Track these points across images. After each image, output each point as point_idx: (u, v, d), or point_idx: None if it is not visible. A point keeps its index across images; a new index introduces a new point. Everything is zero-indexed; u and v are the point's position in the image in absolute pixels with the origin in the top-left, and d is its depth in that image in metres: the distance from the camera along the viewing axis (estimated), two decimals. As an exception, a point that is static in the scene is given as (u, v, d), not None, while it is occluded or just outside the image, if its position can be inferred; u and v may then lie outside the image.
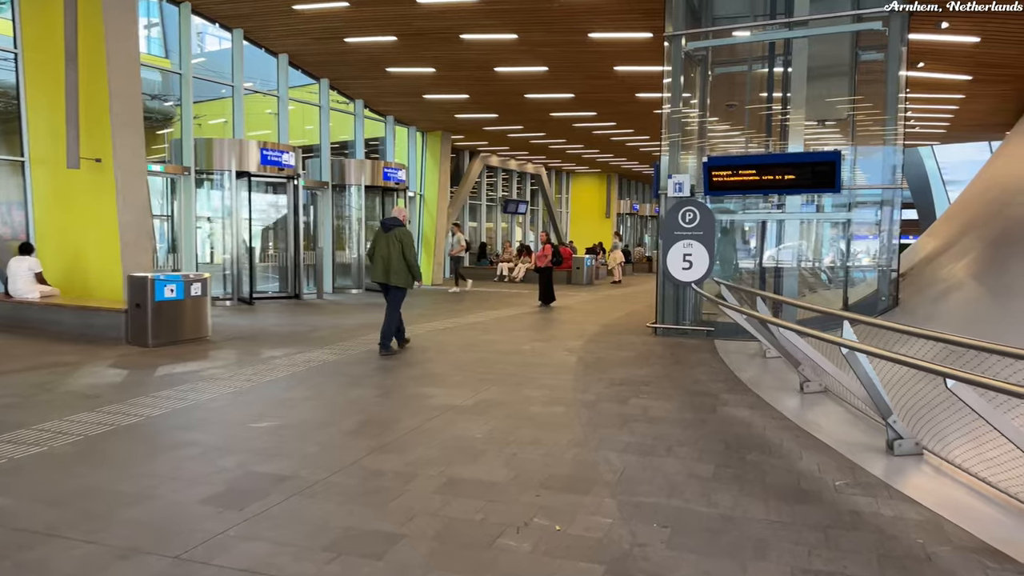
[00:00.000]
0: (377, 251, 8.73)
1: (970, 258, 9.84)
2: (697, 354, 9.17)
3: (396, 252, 8.56)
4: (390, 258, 8.58)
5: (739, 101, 11.88)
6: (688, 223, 10.51)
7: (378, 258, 8.71)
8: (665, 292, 10.92)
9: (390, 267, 8.60)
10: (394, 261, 8.56)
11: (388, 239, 8.65)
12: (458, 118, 18.94)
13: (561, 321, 12.66)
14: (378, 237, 8.83)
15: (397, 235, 8.63)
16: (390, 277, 8.65)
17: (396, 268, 8.58)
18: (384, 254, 8.64)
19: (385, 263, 8.63)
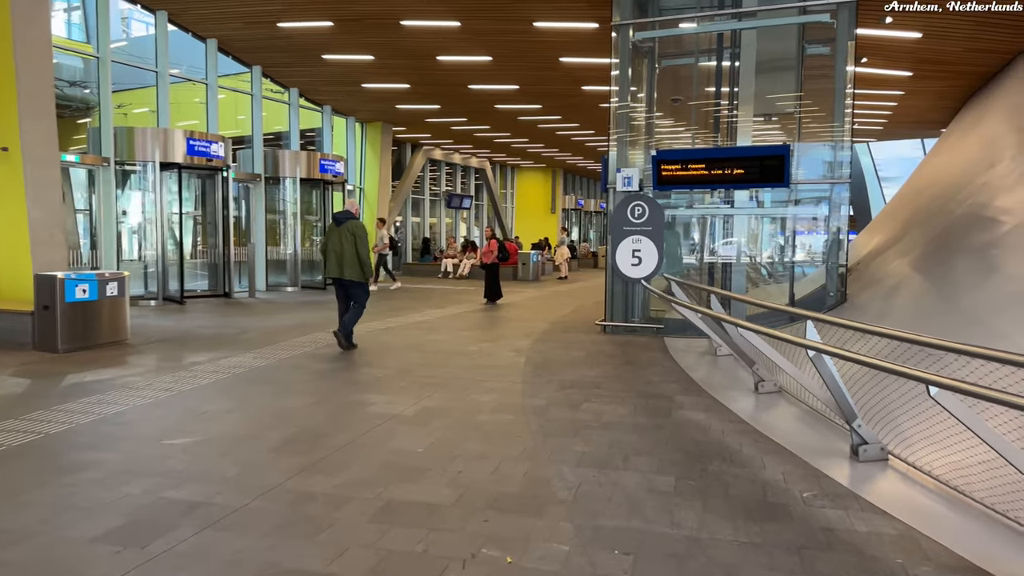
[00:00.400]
0: (330, 246, 8.47)
1: (915, 255, 9.85)
2: (647, 353, 8.90)
3: (349, 246, 8.32)
4: (343, 253, 8.34)
5: (685, 96, 11.69)
6: (637, 218, 10.24)
7: (331, 252, 8.45)
8: (614, 289, 10.64)
9: (343, 261, 8.36)
10: (347, 255, 8.33)
11: (341, 233, 8.40)
12: (399, 109, 18.32)
13: (508, 319, 12.27)
14: (331, 231, 8.55)
15: (350, 228, 8.38)
16: (344, 271, 8.40)
17: (350, 262, 8.35)
18: (337, 248, 8.39)
19: (338, 258, 8.39)
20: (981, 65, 12.04)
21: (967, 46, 11.11)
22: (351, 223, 8.48)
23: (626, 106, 10.52)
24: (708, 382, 7.16)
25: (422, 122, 20.06)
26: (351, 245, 8.34)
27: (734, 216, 10.05)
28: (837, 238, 9.58)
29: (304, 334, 9.98)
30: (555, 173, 32.50)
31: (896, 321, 7.54)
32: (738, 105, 10.32)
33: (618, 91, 10.53)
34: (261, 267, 16.52)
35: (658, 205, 10.17)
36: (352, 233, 8.37)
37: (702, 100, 11.18)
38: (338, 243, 8.40)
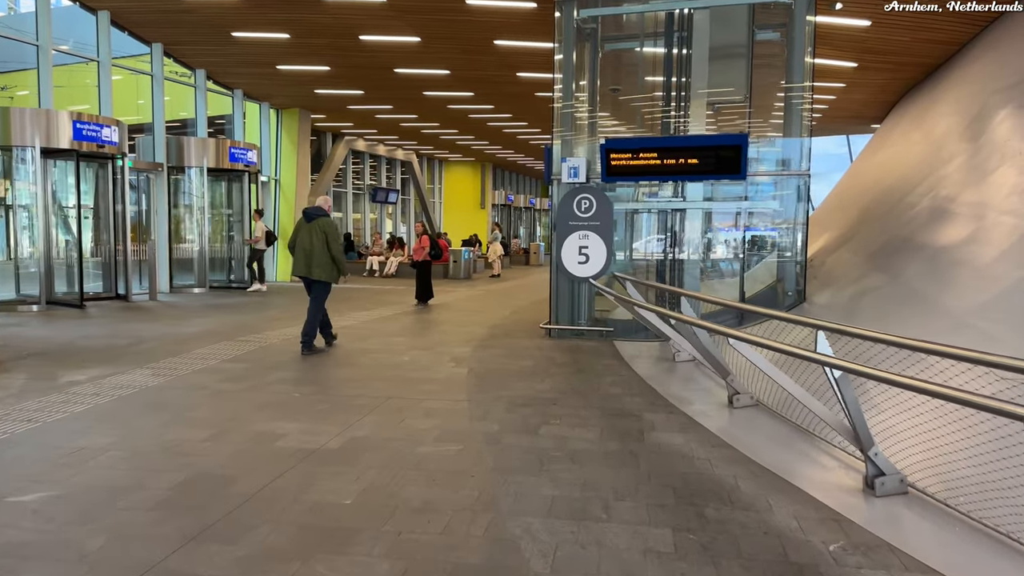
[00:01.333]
0: (299, 242, 8.11)
1: (873, 252, 9.42)
2: (600, 360, 8.10)
3: (319, 243, 7.98)
4: (312, 250, 8.00)
5: (629, 83, 10.97)
6: (584, 212, 9.44)
7: (299, 250, 8.09)
8: (559, 289, 9.81)
9: (312, 259, 8.02)
10: (317, 253, 7.99)
11: (311, 229, 8.05)
12: (318, 94, 16.97)
13: (443, 323, 11.27)
14: (300, 227, 8.20)
15: (320, 225, 8.04)
16: (312, 270, 8.05)
17: (319, 261, 8.01)
18: (306, 246, 8.03)
19: (307, 255, 8.03)
20: (927, 56, 11.84)
21: (916, 36, 10.82)
22: (322, 220, 8.10)
23: (570, 91, 9.69)
24: (675, 394, 6.39)
25: (344, 109, 18.74)
26: (321, 243, 7.98)
27: (686, 210, 9.36)
28: (796, 235, 9.04)
29: (209, 343, 8.70)
30: (484, 167, 31.55)
31: (867, 322, 6.95)
32: (688, 94, 9.66)
33: (562, 76, 9.69)
34: (164, 266, 14.92)
35: (606, 198, 9.39)
36: (323, 231, 8.02)
37: (648, 88, 10.46)
38: (307, 240, 8.01)
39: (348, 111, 18.97)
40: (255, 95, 17.75)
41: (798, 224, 9.07)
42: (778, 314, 4.86)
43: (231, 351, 8.26)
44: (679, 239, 9.44)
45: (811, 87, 8.83)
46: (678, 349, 7.86)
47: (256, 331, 9.80)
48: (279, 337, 9.32)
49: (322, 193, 21.37)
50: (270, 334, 9.54)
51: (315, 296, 8.22)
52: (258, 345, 8.70)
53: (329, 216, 8.32)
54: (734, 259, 10.12)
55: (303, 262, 8.09)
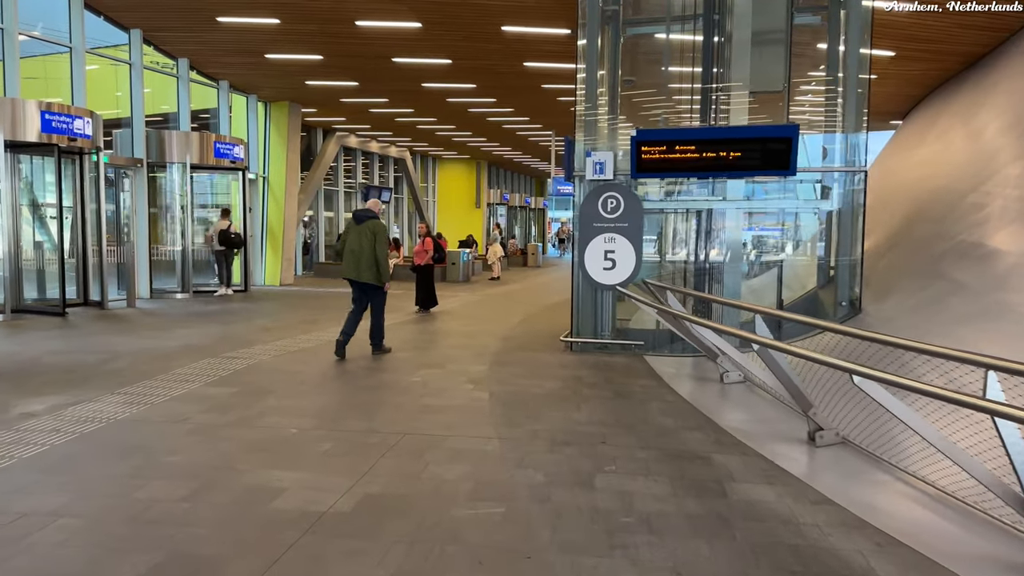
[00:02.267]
0: (347, 244, 8.01)
1: (935, 257, 8.51)
2: (636, 380, 7.16)
3: (368, 246, 7.89)
4: (361, 252, 7.90)
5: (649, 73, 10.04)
6: (611, 212, 8.50)
7: (348, 252, 7.98)
8: (581, 298, 8.86)
9: (361, 262, 7.91)
10: (366, 256, 7.90)
11: (360, 232, 7.96)
12: (310, 86, 15.91)
13: (450, 334, 10.29)
14: (349, 229, 8.13)
15: (370, 227, 7.95)
16: (361, 273, 7.94)
17: (369, 263, 7.91)
18: (355, 248, 7.93)
19: (356, 258, 7.93)
20: (973, 44, 11.00)
21: (961, 21, 9.96)
22: (372, 222, 8.00)
23: (595, 80, 8.75)
24: (739, 427, 5.46)
25: (336, 103, 17.68)
26: (370, 245, 7.89)
27: (725, 210, 8.44)
28: (852, 236, 8.14)
29: (191, 361, 7.69)
30: (480, 165, 30.54)
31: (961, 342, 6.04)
32: (719, 84, 8.75)
33: (585, 65, 8.75)
34: (143, 270, 13.83)
35: (635, 197, 8.45)
36: (372, 232, 7.92)
37: (674, 78, 9.53)
38: (356, 242, 7.93)
39: (341, 105, 17.92)
40: (242, 87, 16.67)
41: (852, 226, 8.17)
42: (897, 340, 3.93)
43: (216, 371, 7.25)
44: (716, 242, 8.53)
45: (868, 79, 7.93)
46: (727, 369, 6.94)
47: (244, 344, 8.79)
48: (270, 351, 8.32)
49: (312, 191, 20.33)
50: (260, 349, 8.53)
51: (375, 302, 8.18)
52: (247, 363, 7.69)
53: (379, 219, 8.17)
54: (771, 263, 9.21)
55: (351, 264, 7.95)
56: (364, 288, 8.08)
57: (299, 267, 20.85)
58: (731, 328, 5.31)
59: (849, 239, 8.18)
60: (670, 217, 9.39)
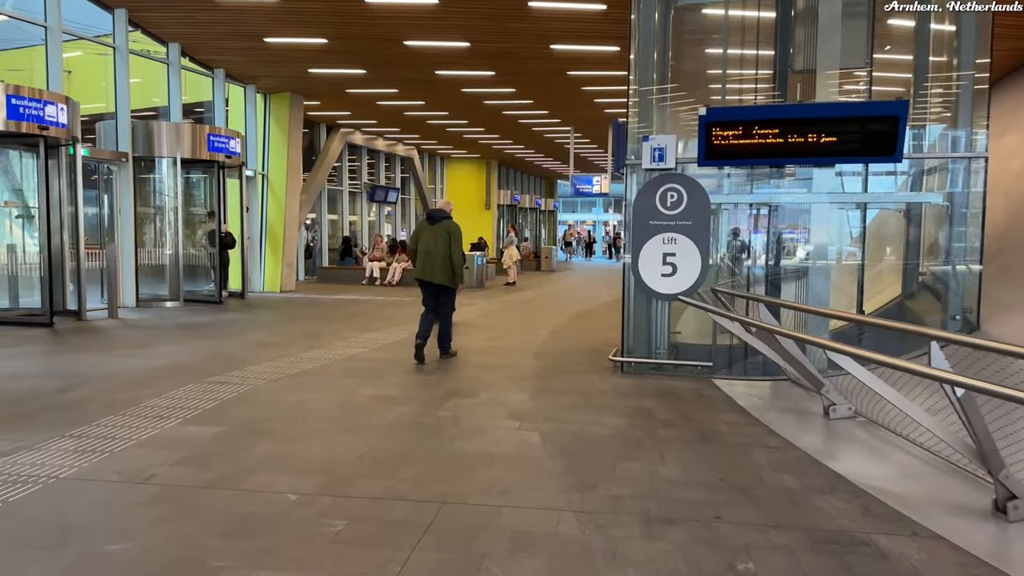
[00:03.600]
0: (421, 245, 7.81)
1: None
2: (717, 415, 5.79)
3: (444, 247, 7.67)
4: (436, 253, 7.68)
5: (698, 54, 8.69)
6: (671, 208, 7.15)
7: (421, 253, 7.78)
8: (634, 309, 7.50)
9: (435, 264, 7.69)
10: (440, 257, 7.68)
11: (435, 232, 7.73)
12: (313, 74, 14.57)
13: (473, 350, 8.92)
14: (422, 230, 7.90)
15: (445, 228, 7.72)
16: (435, 275, 7.71)
17: (442, 264, 7.68)
18: (429, 248, 7.71)
19: (430, 259, 7.70)
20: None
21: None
22: (447, 222, 7.77)
23: (651, 54, 7.41)
24: (886, 488, 4.08)
25: (341, 94, 16.33)
26: (445, 246, 7.66)
27: (812, 205, 7.08)
28: (966, 238, 6.79)
29: (170, 387, 6.33)
30: (490, 165, 29.15)
31: None
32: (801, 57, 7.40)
33: (641, 38, 7.41)
34: (129, 276, 12.48)
35: (701, 189, 7.10)
36: (448, 233, 7.69)
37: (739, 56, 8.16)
38: (431, 243, 7.69)
39: (346, 96, 16.57)
40: (239, 76, 15.33)
41: (966, 224, 6.81)
42: None
43: (199, 401, 5.89)
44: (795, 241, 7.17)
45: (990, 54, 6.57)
46: (833, 401, 5.57)
47: (236, 365, 7.43)
48: (266, 374, 6.96)
49: (315, 191, 19.00)
50: (255, 371, 7.17)
51: (445, 303, 7.88)
52: (237, 389, 6.34)
53: (452, 218, 7.90)
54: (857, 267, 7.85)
55: (425, 265, 7.70)
56: (437, 290, 7.79)
57: (301, 272, 19.51)
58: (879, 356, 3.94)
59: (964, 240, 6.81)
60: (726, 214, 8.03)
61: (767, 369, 7.72)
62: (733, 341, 8.24)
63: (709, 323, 8.03)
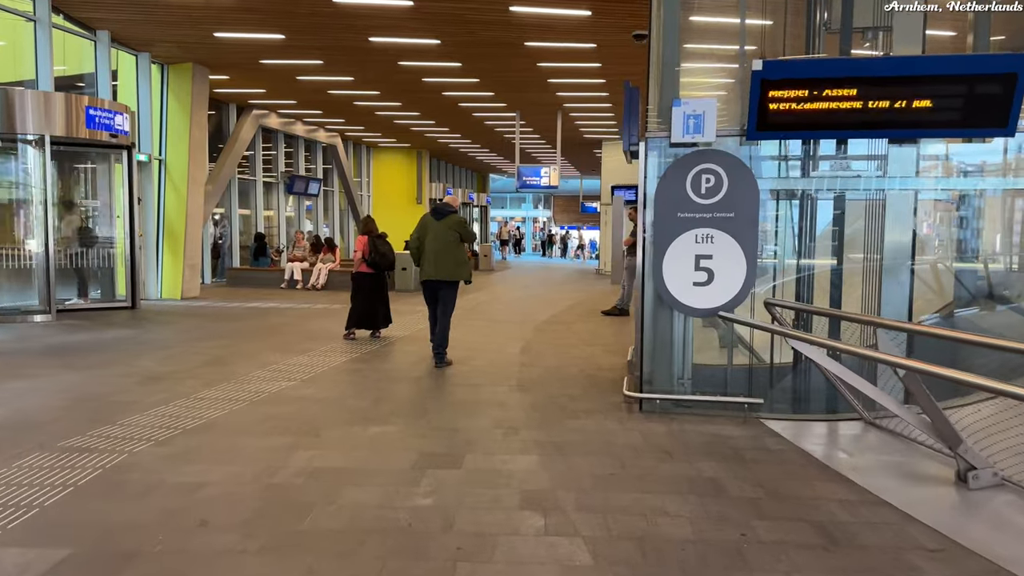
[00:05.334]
0: (427, 244, 7.20)
1: None
2: (809, 483, 4.09)
3: (453, 243, 7.16)
4: (444, 251, 7.13)
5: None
6: (707, 197, 5.45)
7: (430, 252, 7.17)
8: (655, 330, 5.74)
9: (445, 261, 7.13)
10: (451, 254, 7.14)
11: (442, 229, 7.17)
12: (220, 40, 12.15)
13: (435, 380, 6.98)
14: (426, 226, 7.31)
15: (453, 223, 7.24)
16: (446, 272, 7.14)
17: (454, 260, 7.16)
18: (436, 247, 7.14)
19: (438, 257, 7.13)
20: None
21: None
22: (454, 217, 7.34)
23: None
24: None
25: (255, 66, 13.90)
26: (455, 242, 7.19)
27: (887, 192, 5.48)
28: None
29: (1, 461, 4.14)
30: (421, 156, 26.94)
31: None
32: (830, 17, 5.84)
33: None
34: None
35: (747, 171, 5.43)
36: (455, 229, 7.23)
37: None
38: (440, 240, 7.15)
39: (260, 69, 14.16)
40: (129, 40, 12.71)
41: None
42: None
43: (33, 492, 3.75)
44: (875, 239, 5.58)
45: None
46: (975, 465, 3.96)
47: (108, 415, 5.26)
48: (148, 431, 4.82)
49: (223, 181, 16.48)
50: (132, 425, 5.02)
51: (446, 301, 7.35)
52: (100, 464, 4.23)
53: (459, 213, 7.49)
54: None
55: (434, 265, 7.20)
56: (439, 287, 7.29)
57: (207, 275, 16.94)
58: None
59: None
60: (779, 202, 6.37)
61: (813, 399, 6.17)
62: (752, 361, 6.66)
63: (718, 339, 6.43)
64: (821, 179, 5.84)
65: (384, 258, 9.14)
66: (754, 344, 6.59)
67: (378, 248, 9.10)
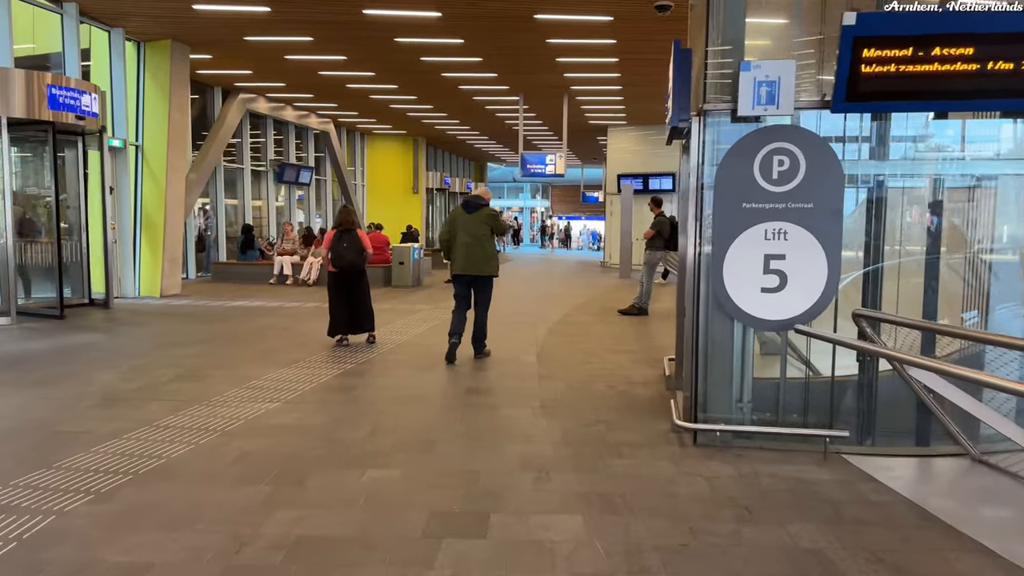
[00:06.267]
0: (459, 237, 7.04)
1: None
2: (948, 564, 3.11)
3: (486, 237, 7.07)
4: (477, 244, 7.00)
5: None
6: (779, 184, 4.47)
7: (461, 245, 7.01)
8: (709, 343, 4.75)
9: (479, 255, 6.99)
10: (485, 248, 7.04)
11: (474, 221, 7.05)
12: (199, 12, 11.06)
13: (446, 396, 5.99)
14: (457, 219, 7.16)
15: (485, 216, 7.10)
16: (480, 267, 7.01)
17: (486, 255, 7.03)
18: (468, 240, 6.98)
19: (471, 251, 6.98)
20: None
21: None
22: (486, 210, 7.15)
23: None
24: None
25: (240, 43, 12.79)
26: (487, 236, 7.06)
27: (998, 178, 4.51)
28: None
29: None
30: (417, 143, 25.82)
31: None
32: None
33: None
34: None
35: (829, 152, 4.43)
36: (487, 223, 7.09)
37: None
38: (472, 233, 6.98)
39: (246, 47, 13.06)
40: (100, 14, 11.60)
41: None
42: None
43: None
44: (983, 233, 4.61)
45: None
46: None
47: (46, 453, 4.26)
48: (91, 478, 3.83)
49: (207, 169, 15.41)
50: (72, 468, 4.02)
51: (484, 296, 7.18)
52: (26, 528, 3.22)
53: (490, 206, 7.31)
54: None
55: (464, 258, 6.98)
56: (474, 282, 7.13)
57: (191, 269, 15.89)
58: None
59: None
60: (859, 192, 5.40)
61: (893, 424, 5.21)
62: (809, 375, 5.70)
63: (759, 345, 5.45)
64: (910, 162, 4.85)
65: (340, 259, 7.80)
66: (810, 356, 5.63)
67: (337, 247, 7.85)
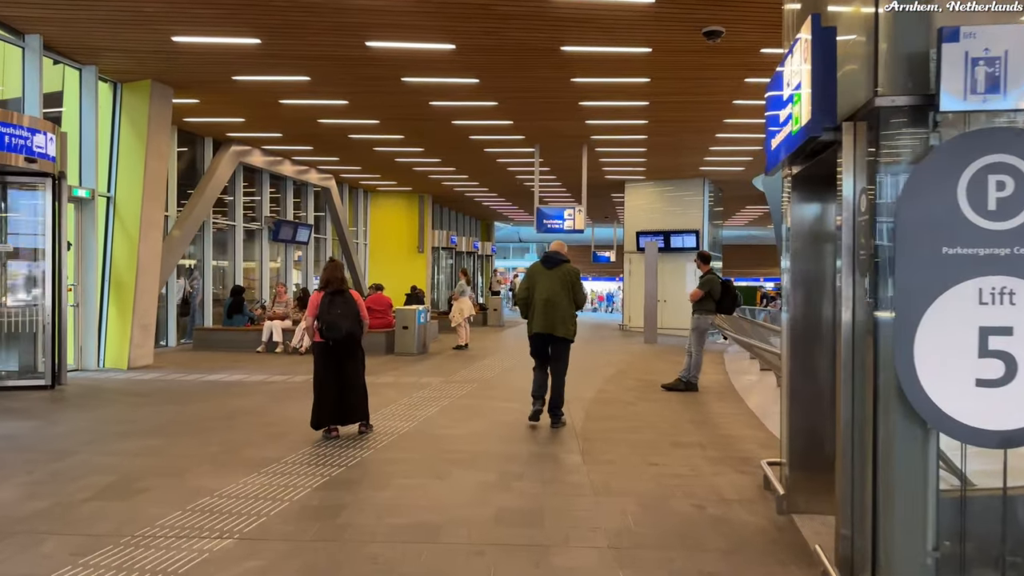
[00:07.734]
0: (537, 294, 6.73)
1: None
2: None
3: (566, 295, 6.70)
4: (558, 303, 6.66)
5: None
6: (998, 215, 2.85)
7: (540, 303, 6.68)
8: (899, 463, 3.06)
9: (556, 315, 6.64)
10: (563, 307, 6.68)
11: (554, 278, 6.71)
12: (181, 47, 9.76)
13: (462, 522, 4.29)
14: (535, 276, 6.84)
15: (566, 274, 6.75)
16: (556, 327, 6.66)
17: (565, 315, 6.68)
18: (548, 297, 6.66)
19: (551, 309, 6.64)
20: None
21: None
22: (566, 267, 6.78)
23: None
24: None
25: (228, 84, 11.41)
26: (568, 294, 6.70)
27: None
28: None
29: None
30: (423, 200, 24.48)
31: None
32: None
33: None
34: None
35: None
36: (569, 280, 6.72)
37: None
38: (552, 290, 6.66)
39: (235, 88, 11.70)
40: (68, 49, 10.25)
41: None
42: None
43: None
44: None
45: None
46: None
47: None
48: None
49: (194, 225, 13.99)
50: None
51: (561, 360, 6.81)
52: None
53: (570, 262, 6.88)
54: None
55: (543, 317, 6.63)
56: (550, 341, 6.70)
57: (171, 336, 14.27)
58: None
59: None
60: None
61: None
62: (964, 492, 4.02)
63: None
64: None
65: (334, 328, 6.14)
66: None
67: (328, 313, 6.17)
